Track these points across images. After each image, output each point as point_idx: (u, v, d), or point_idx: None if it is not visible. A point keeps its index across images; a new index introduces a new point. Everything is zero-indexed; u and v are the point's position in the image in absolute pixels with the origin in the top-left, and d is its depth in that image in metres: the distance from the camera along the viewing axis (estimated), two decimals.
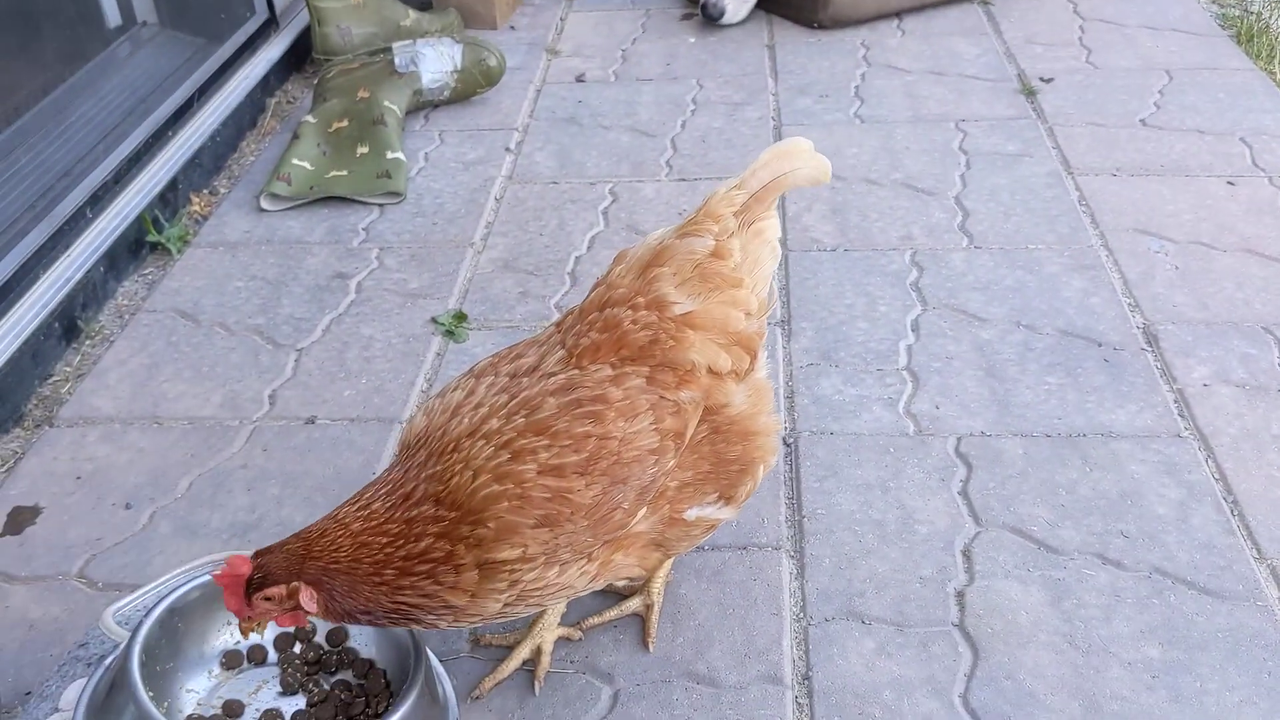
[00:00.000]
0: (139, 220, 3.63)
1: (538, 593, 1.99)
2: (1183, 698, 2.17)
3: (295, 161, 3.98)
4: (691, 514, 2.14)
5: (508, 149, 4.26)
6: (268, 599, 1.90)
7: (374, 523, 1.91)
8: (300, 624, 1.97)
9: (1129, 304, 3.27)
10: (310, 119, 4.18)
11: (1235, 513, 2.58)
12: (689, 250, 2.10)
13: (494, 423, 1.97)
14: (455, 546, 1.89)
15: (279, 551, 1.92)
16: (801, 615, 2.39)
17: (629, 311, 2.08)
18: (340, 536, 1.91)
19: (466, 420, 1.99)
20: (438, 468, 1.94)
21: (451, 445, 1.96)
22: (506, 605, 1.98)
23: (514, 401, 2.00)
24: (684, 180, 4.03)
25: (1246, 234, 3.56)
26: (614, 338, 2.06)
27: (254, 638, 2.08)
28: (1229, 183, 3.83)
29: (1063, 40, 4.88)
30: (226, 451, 2.87)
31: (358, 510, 1.94)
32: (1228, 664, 2.23)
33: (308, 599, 1.90)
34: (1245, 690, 2.18)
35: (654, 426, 2.02)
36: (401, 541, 1.90)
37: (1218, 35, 4.88)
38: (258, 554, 1.92)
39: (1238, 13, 5.14)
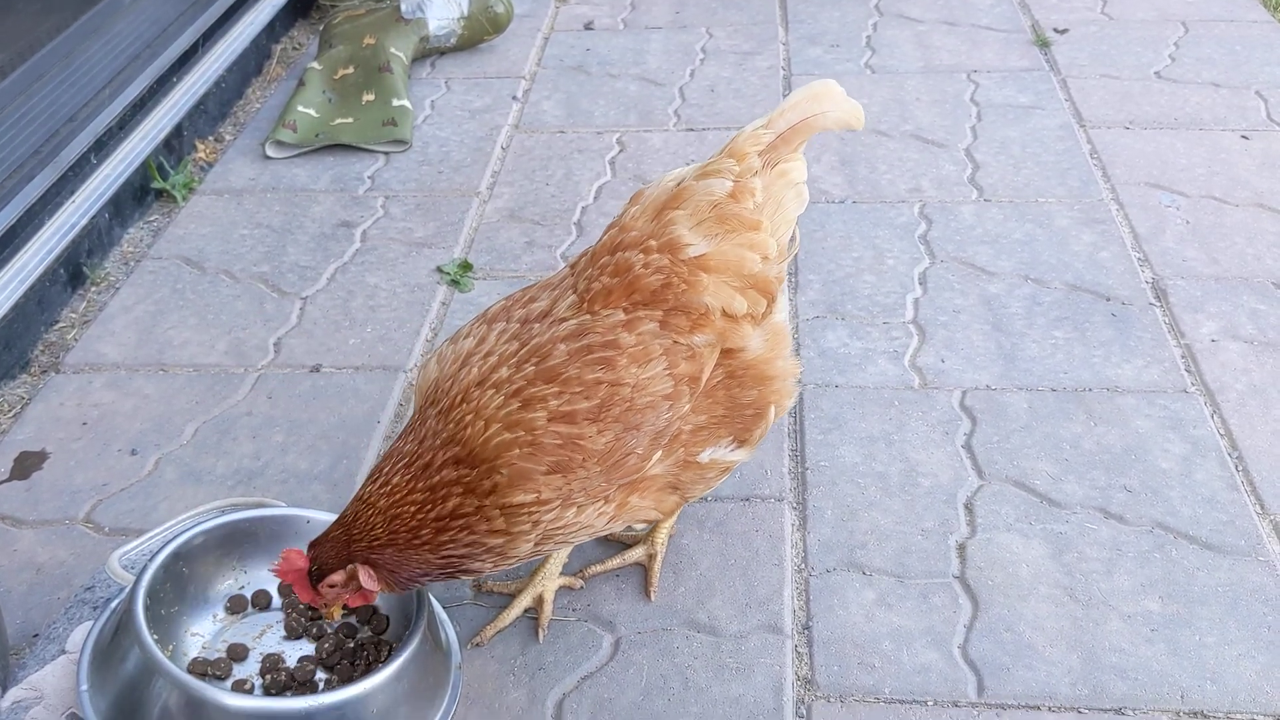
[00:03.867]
0: (144, 167, 3.62)
1: (561, 531, 2.00)
2: (1181, 651, 2.17)
3: (301, 109, 3.96)
4: (705, 456, 2.14)
5: (514, 97, 4.23)
6: (331, 585, 1.98)
7: (398, 495, 1.95)
8: (369, 601, 2.03)
9: (1138, 258, 3.25)
10: (316, 66, 4.15)
11: (1239, 468, 2.57)
12: (707, 191, 2.08)
13: (504, 371, 1.97)
14: (482, 501, 1.92)
15: (326, 541, 2.00)
16: (803, 566, 2.40)
17: (641, 255, 2.06)
18: (371, 515, 1.96)
19: (476, 370, 1.99)
20: (450, 428, 1.95)
21: (460, 397, 1.96)
22: (537, 545, 2.01)
23: (524, 349, 2.00)
24: (692, 130, 4.00)
25: (1260, 188, 3.52)
26: (625, 282, 2.05)
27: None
28: (1243, 136, 3.79)
29: None
30: (231, 399, 2.88)
31: (379, 487, 1.98)
32: (1227, 618, 2.23)
33: (367, 578, 1.97)
34: (1244, 645, 2.18)
35: (668, 372, 2.01)
36: (430, 506, 1.93)
37: None
38: (311, 545, 2.01)
39: None
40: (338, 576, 1.97)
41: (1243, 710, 2.07)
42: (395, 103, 3.97)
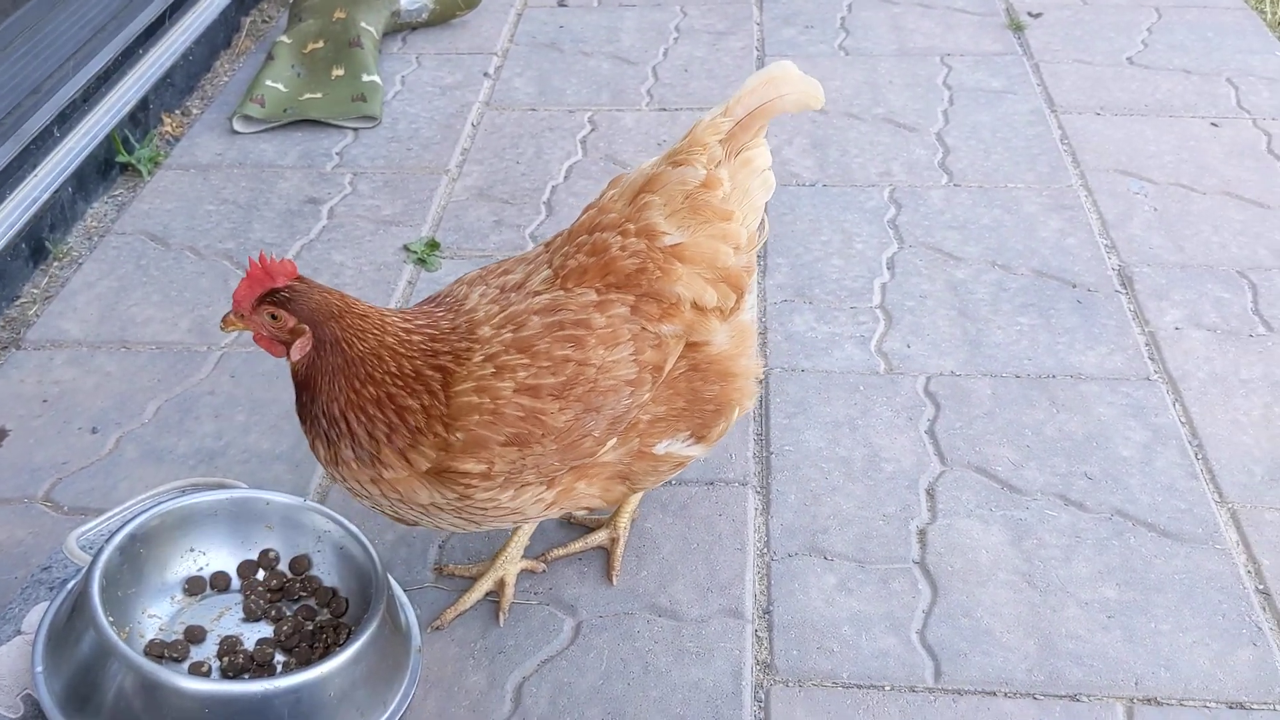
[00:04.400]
0: (108, 140, 3.57)
1: (482, 512, 1.99)
2: (1136, 638, 2.19)
3: (269, 83, 3.91)
4: (661, 449, 2.14)
5: (486, 74, 4.20)
6: (273, 317, 1.88)
7: (404, 350, 1.91)
8: (274, 354, 1.92)
9: (1105, 245, 3.26)
10: (285, 39, 4.10)
11: (1199, 456, 2.59)
12: (680, 179, 2.08)
13: (486, 330, 1.97)
14: (427, 435, 1.88)
15: (319, 292, 1.90)
16: (765, 550, 2.40)
17: (619, 237, 2.06)
18: (372, 330, 1.90)
19: (481, 313, 1.99)
20: (462, 344, 1.93)
21: (467, 328, 1.95)
22: (434, 506, 1.97)
23: (503, 314, 1.99)
24: (664, 110, 3.98)
25: (1227, 176, 3.54)
26: (601, 262, 2.05)
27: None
28: (1213, 124, 3.80)
29: None
30: (194, 377, 2.85)
31: (403, 327, 1.93)
32: (1182, 605, 2.26)
33: (299, 348, 1.89)
34: (1198, 632, 2.21)
35: (634, 357, 2.01)
36: (400, 382, 1.89)
37: None
38: (300, 278, 1.90)
39: None
40: (285, 317, 1.88)
41: (1195, 698, 2.09)
42: (365, 78, 3.94)
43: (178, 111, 3.98)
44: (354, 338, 1.89)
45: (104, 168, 3.58)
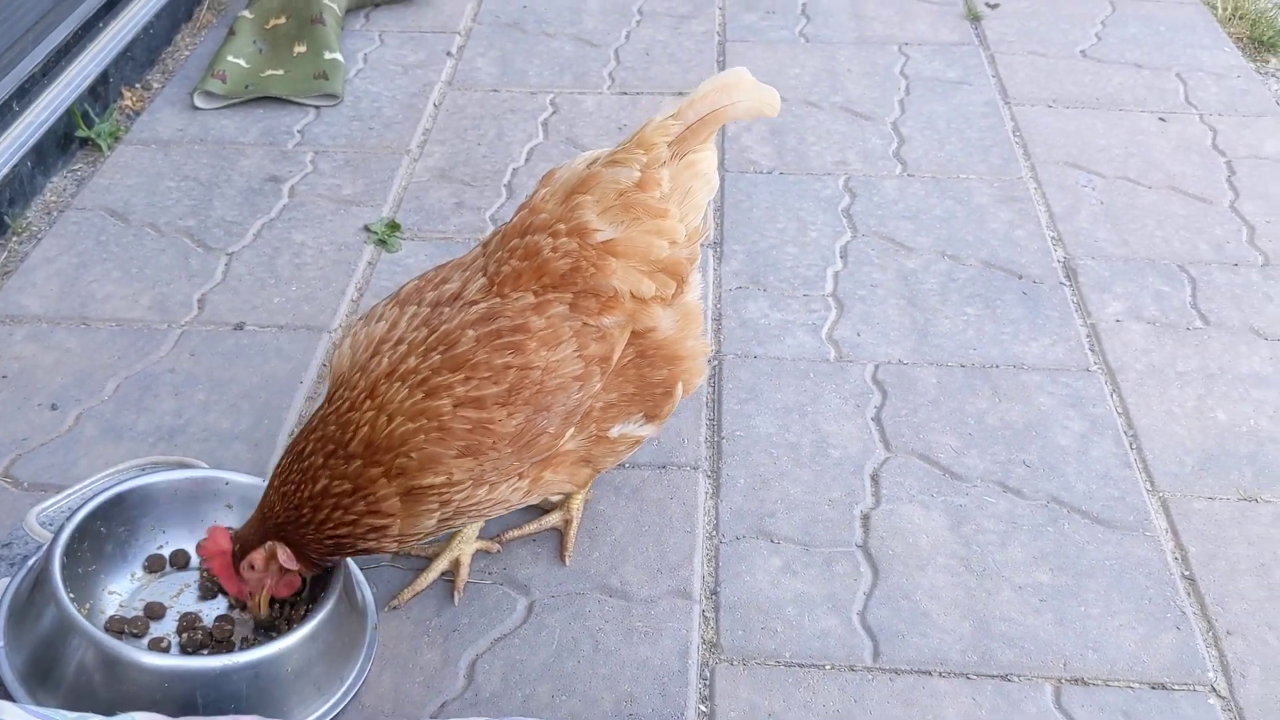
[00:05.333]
0: (68, 114, 3.57)
1: (474, 507, 2.07)
2: (1066, 621, 2.29)
3: (230, 59, 3.91)
4: (615, 432, 2.21)
5: (449, 53, 4.21)
6: (252, 567, 2.02)
7: (281, 476, 2.03)
8: (294, 588, 2.08)
9: (1052, 237, 3.35)
10: (247, 14, 4.10)
11: (1134, 446, 2.69)
12: (613, 180, 2.13)
13: (411, 361, 2.02)
14: (359, 482, 1.97)
15: (246, 524, 2.06)
16: (714, 533, 2.48)
17: (550, 239, 2.11)
18: (270, 493, 2.04)
19: (386, 360, 2.04)
20: (330, 428, 2.00)
21: (365, 395, 2.01)
22: (443, 520, 2.06)
23: (433, 336, 2.04)
24: (625, 94, 4.02)
25: (1172, 171, 3.64)
26: (535, 265, 2.10)
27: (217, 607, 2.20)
28: (1161, 119, 3.89)
29: None
30: (154, 355, 2.88)
31: (275, 472, 2.06)
32: (1112, 590, 2.35)
33: (285, 556, 2.02)
34: (1126, 615, 2.30)
35: (578, 353, 2.07)
36: (303, 487, 1.99)
37: None
38: (230, 530, 2.06)
39: None
40: (258, 556, 2.01)
41: (1120, 678, 2.19)
42: (327, 55, 3.95)
43: (138, 86, 3.98)
44: (273, 512, 2.01)
45: (63, 142, 3.57)
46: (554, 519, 2.45)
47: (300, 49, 3.97)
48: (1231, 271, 3.21)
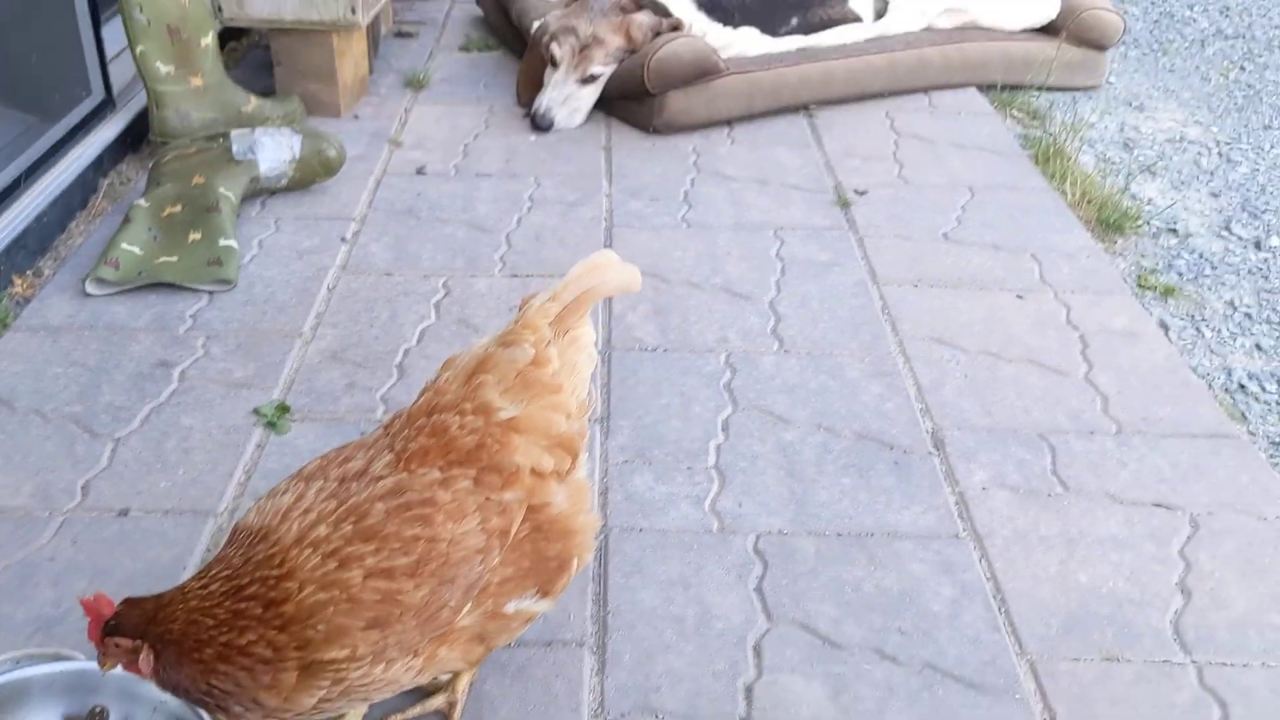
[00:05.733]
0: None
1: (364, 688, 2.07)
2: None
3: (125, 246, 3.98)
4: (511, 607, 2.25)
5: (344, 239, 4.34)
6: (117, 645, 1.99)
7: (209, 603, 1.99)
8: (144, 676, 2.02)
9: (921, 409, 3.53)
10: (143, 202, 4.19)
11: (1002, 610, 2.80)
12: (511, 359, 2.25)
13: (322, 529, 2.05)
14: (279, 651, 1.97)
15: (139, 606, 2.01)
16: (600, 711, 2.50)
17: (456, 417, 2.20)
18: (179, 609, 1.99)
19: (295, 527, 2.07)
20: (270, 571, 2.01)
21: (279, 557, 2.03)
22: (324, 701, 2.05)
23: (342, 508, 2.08)
24: (516, 276, 4.17)
25: (1030, 345, 3.87)
26: (442, 442, 2.18)
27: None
28: (1018, 296, 4.16)
29: (878, 154, 5.23)
30: (35, 543, 2.84)
31: (200, 586, 2.03)
32: None
33: (144, 661, 1.98)
34: None
35: (481, 527, 2.14)
36: (226, 629, 1.97)
37: (1018, 155, 5.30)
38: (126, 600, 2.02)
39: (1038, 134, 5.58)
40: (126, 643, 1.99)
41: None
42: (222, 242, 4.04)
43: (30, 272, 4.01)
44: (169, 623, 2.00)
45: None
46: (438, 701, 2.46)
47: (195, 236, 4.06)
48: (1088, 439, 3.41)
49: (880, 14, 6.02)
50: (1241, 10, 8.05)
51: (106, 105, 4.73)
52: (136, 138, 4.86)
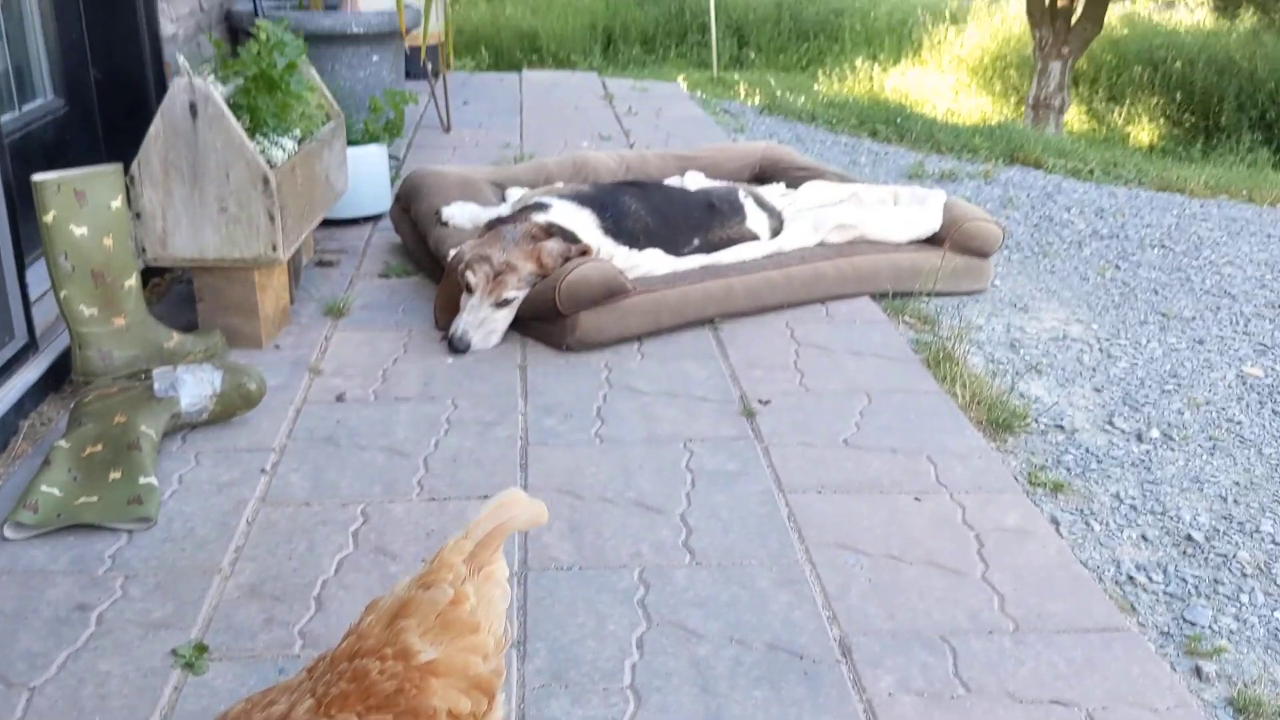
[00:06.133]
0: None
1: None
2: None
3: (44, 489, 4.03)
4: None
5: (263, 470, 4.44)
6: None
7: None
8: None
9: (828, 617, 3.66)
10: (63, 443, 4.26)
11: None
12: (431, 601, 2.37)
13: None
14: None
15: None
16: None
17: (377, 662, 2.31)
18: None
19: None
20: None
21: None
22: None
23: None
24: (434, 500, 4.29)
25: (929, 547, 4.05)
26: (362, 687, 2.27)
27: None
28: (916, 498, 4.37)
29: (780, 364, 5.51)
30: None
31: None
32: None
33: None
34: None
35: None
36: None
37: (911, 360, 5.61)
38: None
39: (929, 339, 5.92)
40: None
41: None
42: (142, 480, 4.11)
43: None
44: None
45: None
46: None
47: (115, 475, 4.13)
48: (987, 639, 3.56)
49: (776, 231, 6.44)
50: (1115, 211, 8.68)
51: (29, 348, 4.84)
52: (59, 378, 4.96)
